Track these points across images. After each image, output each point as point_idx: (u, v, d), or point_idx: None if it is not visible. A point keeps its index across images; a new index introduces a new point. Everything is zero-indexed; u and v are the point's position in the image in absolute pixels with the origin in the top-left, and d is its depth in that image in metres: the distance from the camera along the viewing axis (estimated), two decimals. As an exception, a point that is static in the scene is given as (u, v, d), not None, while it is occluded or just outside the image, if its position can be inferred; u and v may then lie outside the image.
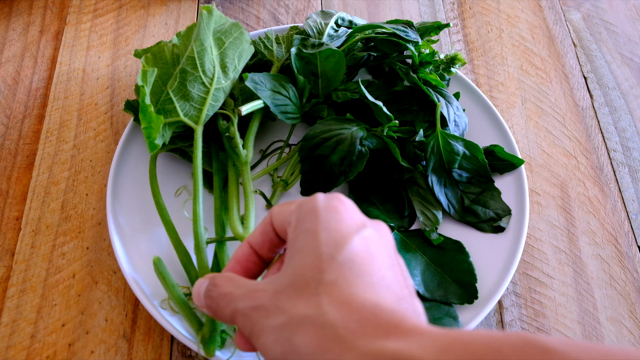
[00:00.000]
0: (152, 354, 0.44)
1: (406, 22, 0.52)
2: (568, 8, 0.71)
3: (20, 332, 0.44)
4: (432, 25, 0.53)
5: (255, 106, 0.47)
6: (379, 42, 0.52)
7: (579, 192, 0.56)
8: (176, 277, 0.44)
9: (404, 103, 0.51)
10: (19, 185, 0.52)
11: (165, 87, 0.44)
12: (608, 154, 0.59)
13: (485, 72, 0.64)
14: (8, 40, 0.62)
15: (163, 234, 0.46)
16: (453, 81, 0.57)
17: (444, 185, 0.49)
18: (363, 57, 0.54)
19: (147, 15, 0.65)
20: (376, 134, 0.49)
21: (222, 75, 0.46)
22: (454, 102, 0.50)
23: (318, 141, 0.48)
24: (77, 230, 0.49)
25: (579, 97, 0.63)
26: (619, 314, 0.49)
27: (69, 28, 0.63)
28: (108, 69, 0.60)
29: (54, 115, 0.56)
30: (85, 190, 0.52)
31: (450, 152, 0.48)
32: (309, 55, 0.49)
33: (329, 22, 0.55)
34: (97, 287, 0.47)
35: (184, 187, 0.49)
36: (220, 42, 0.46)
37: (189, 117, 0.44)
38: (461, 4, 0.70)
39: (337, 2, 0.68)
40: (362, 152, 0.47)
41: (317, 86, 0.51)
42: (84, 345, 0.44)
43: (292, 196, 0.51)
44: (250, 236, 0.35)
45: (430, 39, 0.53)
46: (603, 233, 0.53)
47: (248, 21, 0.65)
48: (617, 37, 0.69)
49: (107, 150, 0.54)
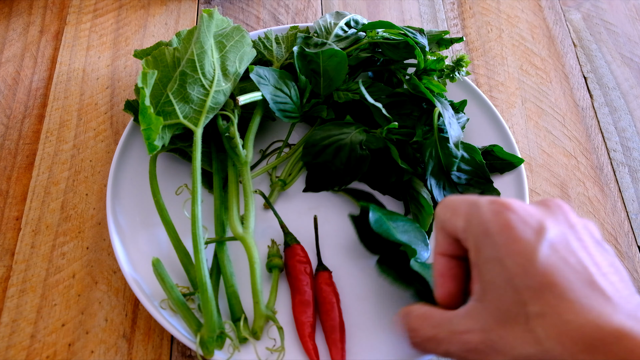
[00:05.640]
0: (152, 354, 0.44)
1: (418, 29, 0.52)
2: (568, 8, 0.71)
3: (20, 332, 0.44)
4: (439, 35, 0.54)
5: (253, 97, 0.47)
6: (385, 47, 0.52)
7: (579, 192, 0.56)
8: (176, 277, 0.44)
9: (405, 108, 0.51)
10: (19, 185, 0.52)
11: (165, 90, 0.44)
12: (608, 154, 0.59)
13: (485, 72, 0.63)
14: (8, 40, 0.62)
15: (163, 234, 0.46)
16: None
17: (443, 188, 0.49)
18: (366, 58, 0.53)
19: (147, 15, 0.65)
20: (376, 135, 0.49)
21: (222, 78, 0.46)
22: (449, 109, 0.50)
23: (319, 149, 0.48)
24: (77, 230, 0.49)
25: (579, 97, 0.63)
26: (619, 314, 0.49)
27: (69, 28, 0.63)
28: (108, 69, 0.60)
29: (54, 115, 0.56)
30: (85, 190, 0.52)
31: (448, 155, 0.48)
32: (312, 54, 0.49)
33: (339, 22, 0.55)
34: (97, 287, 0.47)
35: (185, 186, 0.49)
36: (221, 45, 0.46)
37: (189, 119, 0.44)
38: (461, 4, 0.70)
39: (337, 2, 0.68)
40: (364, 155, 0.47)
41: (319, 85, 0.51)
42: (84, 345, 0.44)
43: (291, 196, 0.51)
44: (436, 247, 0.33)
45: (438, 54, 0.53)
46: (603, 233, 0.53)
47: (248, 21, 0.65)
48: (617, 37, 0.69)
49: (107, 150, 0.54)
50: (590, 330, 0.24)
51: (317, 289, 0.44)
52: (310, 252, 0.47)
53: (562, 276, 0.26)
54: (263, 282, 0.43)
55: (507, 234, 0.28)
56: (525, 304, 0.26)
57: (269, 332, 0.42)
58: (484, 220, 0.29)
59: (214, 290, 0.42)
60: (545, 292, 0.26)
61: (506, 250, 0.27)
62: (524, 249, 0.27)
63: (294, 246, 0.46)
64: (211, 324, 0.39)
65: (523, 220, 0.28)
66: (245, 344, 0.41)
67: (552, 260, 0.26)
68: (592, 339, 0.24)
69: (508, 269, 0.27)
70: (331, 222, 0.49)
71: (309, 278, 0.44)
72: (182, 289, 0.43)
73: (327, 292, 0.44)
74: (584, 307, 0.25)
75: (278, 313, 0.43)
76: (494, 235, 0.28)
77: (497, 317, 0.27)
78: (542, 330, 0.25)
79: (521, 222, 0.28)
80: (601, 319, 0.24)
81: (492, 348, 0.27)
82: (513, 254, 0.27)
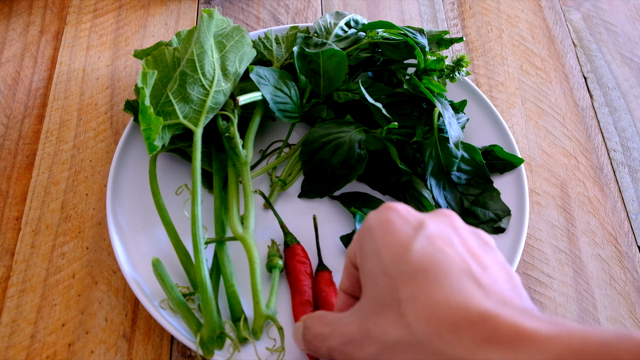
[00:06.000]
0: (152, 354, 0.44)
1: (418, 29, 0.52)
2: (568, 8, 0.71)
3: (20, 332, 0.44)
4: (439, 35, 0.54)
5: (253, 98, 0.47)
6: (385, 47, 0.52)
7: (579, 192, 0.56)
8: (176, 277, 0.44)
9: (405, 109, 0.51)
10: (19, 185, 0.52)
11: (165, 90, 0.44)
12: (608, 154, 0.59)
13: (485, 72, 0.63)
14: (8, 40, 0.62)
15: (163, 234, 0.46)
16: (453, 81, 0.57)
17: (442, 187, 0.49)
18: (366, 58, 0.53)
19: (147, 15, 0.65)
20: (375, 135, 0.49)
21: (222, 78, 0.46)
22: (449, 109, 0.50)
23: (318, 145, 0.48)
24: (77, 230, 0.49)
25: (579, 97, 0.63)
26: (619, 314, 0.49)
27: (69, 28, 0.63)
28: (108, 69, 0.60)
29: (54, 115, 0.56)
30: (85, 190, 0.52)
31: (448, 155, 0.48)
32: (312, 54, 0.49)
33: (339, 22, 0.55)
34: (97, 287, 0.47)
35: (185, 186, 0.49)
36: (221, 45, 0.46)
37: (189, 120, 0.44)
38: (461, 4, 0.70)
39: (337, 2, 0.68)
40: (361, 155, 0.47)
41: (319, 85, 0.51)
42: (84, 345, 0.44)
43: (291, 196, 0.51)
44: (340, 284, 0.34)
45: (438, 54, 0.52)
46: (603, 233, 0.53)
47: (248, 21, 0.65)
48: (617, 37, 0.69)
49: (107, 150, 0.54)
50: (458, 311, 0.24)
51: (317, 290, 0.44)
52: (310, 252, 0.47)
53: (437, 263, 0.26)
54: (263, 282, 0.43)
55: (385, 227, 0.29)
56: (397, 289, 0.26)
57: (269, 332, 0.42)
58: (368, 220, 0.30)
59: (214, 290, 0.42)
60: (418, 276, 0.26)
61: (383, 241, 0.28)
62: (400, 240, 0.28)
63: (294, 246, 0.46)
64: (211, 324, 0.39)
65: (402, 217, 0.29)
66: (245, 344, 0.41)
67: (428, 250, 0.27)
68: (459, 319, 0.24)
69: (383, 258, 0.27)
70: (331, 222, 0.49)
71: (309, 278, 0.44)
72: (182, 289, 0.43)
73: (327, 293, 0.44)
74: (454, 291, 0.25)
75: (278, 313, 0.43)
76: (373, 230, 0.29)
77: (373, 306, 0.27)
78: (411, 313, 0.25)
79: (400, 218, 0.29)
80: (470, 302, 0.24)
81: (368, 336, 0.27)
82: (389, 244, 0.28)
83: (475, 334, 0.23)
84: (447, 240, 0.28)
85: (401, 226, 0.28)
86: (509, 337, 0.22)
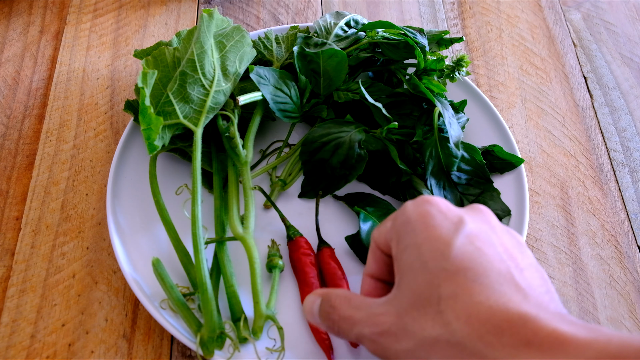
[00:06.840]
0: (152, 354, 0.44)
1: (418, 29, 0.52)
2: (568, 8, 0.71)
3: (20, 332, 0.44)
4: (439, 35, 0.54)
5: (254, 98, 0.47)
6: (385, 47, 0.52)
7: (579, 192, 0.56)
8: (176, 278, 0.44)
9: (405, 109, 0.51)
10: (19, 185, 0.52)
11: (165, 90, 0.44)
12: (608, 154, 0.59)
13: (485, 72, 0.64)
14: (8, 40, 0.62)
15: (163, 234, 0.46)
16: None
17: (443, 187, 0.49)
18: (366, 58, 0.53)
19: (147, 15, 0.65)
20: (375, 135, 0.49)
21: (222, 78, 0.46)
22: (449, 109, 0.50)
23: (317, 145, 0.48)
24: (77, 230, 0.49)
25: (579, 97, 0.63)
26: (619, 314, 0.49)
27: (69, 28, 0.63)
28: (108, 69, 0.60)
29: (54, 115, 0.56)
30: (85, 190, 0.52)
31: (449, 155, 0.48)
32: (312, 54, 0.49)
33: (339, 22, 0.55)
34: (97, 287, 0.47)
35: (185, 186, 0.49)
36: (221, 45, 0.46)
37: (189, 119, 0.44)
38: (461, 4, 0.70)
39: (337, 2, 0.68)
40: (361, 155, 0.47)
41: (319, 85, 0.51)
42: (84, 345, 0.44)
43: (291, 196, 0.51)
44: (366, 268, 0.34)
45: (438, 54, 0.53)
46: (603, 233, 0.53)
47: (248, 21, 0.65)
48: (617, 37, 0.69)
49: (107, 150, 0.54)
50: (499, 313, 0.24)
51: (322, 265, 0.44)
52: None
53: (477, 263, 0.26)
54: (263, 282, 0.43)
55: (426, 221, 0.29)
56: (438, 286, 0.26)
57: (269, 332, 0.42)
58: (406, 212, 0.30)
59: (214, 290, 0.42)
60: (460, 275, 0.26)
61: (424, 236, 0.28)
62: (442, 236, 0.28)
63: (297, 239, 0.46)
64: (211, 324, 0.39)
65: (442, 211, 0.29)
66: (245, 344, 0.41)
67: (469, 248, 0.27)
68: (500, 321, 0.24)
69: (424, 253, 0.27)
70: (332, 222, 0.49)
71: (315, 270, 0.44)
72: (182, 289, 0.43)
73: (333, 267, 0.44)
74: (495, 292, 0.25)
75: (278, 313, 0.43)
76: (413, 223, 0.29)
77: (412, 300, 0.27)
78: (451, 312, 0.25)
79: (440, 213, 0.29)
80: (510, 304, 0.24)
81: (404, 330, 0.27)
82: (430, 240, 0.28)
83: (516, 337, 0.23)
84: (486, 239, 0.28)
85: (441, 221, 0.28)
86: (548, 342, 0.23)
